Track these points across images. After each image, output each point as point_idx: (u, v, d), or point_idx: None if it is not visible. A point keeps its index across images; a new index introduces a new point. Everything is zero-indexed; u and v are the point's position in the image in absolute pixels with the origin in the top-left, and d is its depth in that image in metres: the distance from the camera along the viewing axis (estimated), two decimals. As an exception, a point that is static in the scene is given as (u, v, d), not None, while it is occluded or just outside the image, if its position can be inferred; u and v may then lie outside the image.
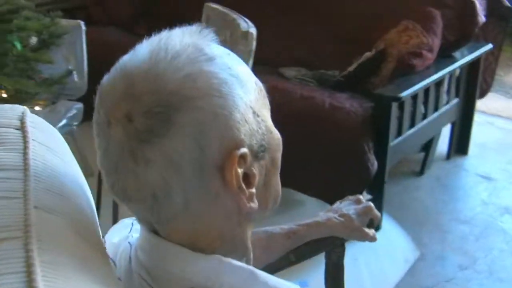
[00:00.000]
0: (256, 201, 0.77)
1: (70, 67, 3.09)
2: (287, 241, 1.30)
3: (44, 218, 0.67)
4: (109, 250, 0.91)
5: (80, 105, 3.30)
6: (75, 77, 3.23)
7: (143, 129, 0.69)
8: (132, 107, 0.69)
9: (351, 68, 3.40)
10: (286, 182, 3.02)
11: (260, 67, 3.31)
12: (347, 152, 2.99)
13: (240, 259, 0.82)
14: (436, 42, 3.36)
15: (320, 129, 3.06)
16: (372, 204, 1.34)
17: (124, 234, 0.94)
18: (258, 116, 0.77)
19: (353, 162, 2.96)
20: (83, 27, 3.25)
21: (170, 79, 0.70)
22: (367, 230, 1.32)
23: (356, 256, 2.85)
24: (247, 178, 0.76)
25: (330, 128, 3.03)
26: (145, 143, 0.69)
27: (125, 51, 0.77)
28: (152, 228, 0.79)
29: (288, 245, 1.31)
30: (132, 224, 0.96)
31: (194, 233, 0.77)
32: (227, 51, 0.79)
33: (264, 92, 0.82)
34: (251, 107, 0.76)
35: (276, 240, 1.29)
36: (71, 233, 0.70)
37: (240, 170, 0.74)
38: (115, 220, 2.53)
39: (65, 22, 2.79)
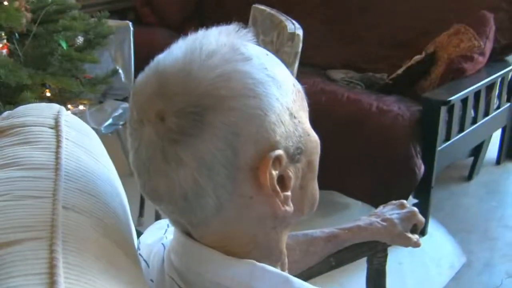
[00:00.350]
0: (291, 204, 0.74)
1: (117, 67, 3.11)
2: (328, 244, 1.28)
3: (72, 219, 0.67)
4: (143, 251, 0.91)
5: (126, 105, 3.30)
6: (122, 77, 3.26)
7: (175, 129, 0.67)
8: (164, 106, 0.68)
9: (400, 71, 3.36)
10: (331, 184, 3.03)
11: (308, 69, 3.31)
12: (393, 156, 2.94)
13: (274, 265, 0.80)
14: (488, 46, 3.29)
15: (366, 132, 3.03)
16: (416, 209, 1.31)
17: (159, 236, 0.93)
18: (295, 118, 0.74)
19: (400, 166, 2.92)
20: (131, 28, 3.28)
21: (203, 78, 0.68)
22: (410, 235, 1.29)
23: (400, 260, 2.81)
24: (282, 180, 0.73)
25: (377, 131, 2.99)
26: (176, 143, 0.68)
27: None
28: (185, 230, 0.78)
29: (329, 249, 1.29)
30: (168, 225, 0.95)
31: (227, 237, 0.75)
32: (265, 51, 0.77)
33: (302, 94, 0.79)
34: (287, 108, 0.73)
35: (317, 244, 1.27)
36: (99, 235, 0.69)
37: (274, 173, 0.71)
38: (157, 219, 2.54)
39: (113, 22, 2.81)
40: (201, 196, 0.70)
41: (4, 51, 1.93)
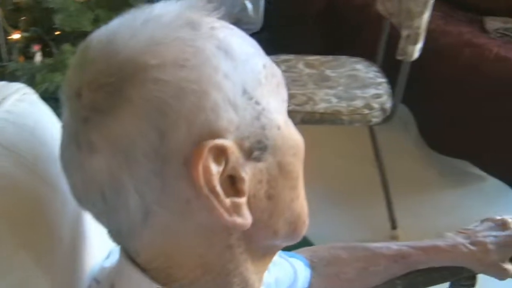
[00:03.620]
0: (246, 215, 0.57)
1: (245, 2, 2.94)
2: (393, 265, 1.07)
3: None
4: (100, 275, 0.73)
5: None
6: (250, 9, 3.08)
7: (86, 106, 0.55)
8: (81, 79, 0.56)
9: None
10: (465, 153, 2.65)
11: (460, 14, 2.94)
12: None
13: None
14: None
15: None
16: (522, 232, 1.07)
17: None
18: (257, 103, 0.58)
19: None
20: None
21: (127, 43, 0.55)
22: (509, 266, 1.05)
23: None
24: (233, 182, 0.57)
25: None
26: (86, 122, 0.55)
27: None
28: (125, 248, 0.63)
29: (395, 270, 1.08)
30: None
31: (166, 255, 0.59)
32: (230, 26, 0.61)
33: (279, 80, 0.62)
34: (244, 90, 0.57)
35: (379, 262, 1.07)
36: None
37: (216, 169, 0.55)
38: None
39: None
40: (121, 194, 0.55)
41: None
